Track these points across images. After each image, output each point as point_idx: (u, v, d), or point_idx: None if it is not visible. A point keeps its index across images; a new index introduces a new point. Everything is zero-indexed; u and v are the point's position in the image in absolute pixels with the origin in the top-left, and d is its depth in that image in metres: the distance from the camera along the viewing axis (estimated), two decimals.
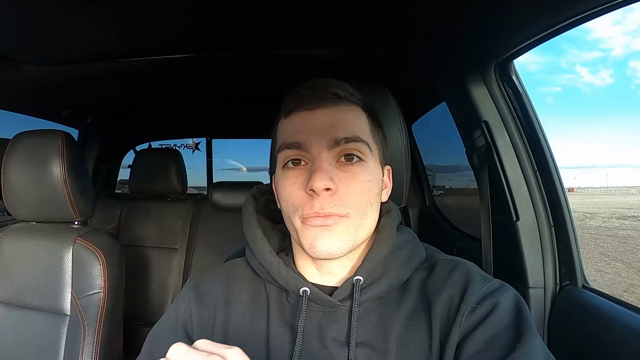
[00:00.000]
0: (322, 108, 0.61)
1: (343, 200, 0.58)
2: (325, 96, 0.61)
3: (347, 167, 0.59)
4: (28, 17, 1.00)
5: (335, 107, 0.61)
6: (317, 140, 0.59)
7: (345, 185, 0.58)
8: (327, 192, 0.57)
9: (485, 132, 1.12)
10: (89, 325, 1.16)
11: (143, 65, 1.36)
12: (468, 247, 1.54)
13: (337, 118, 0.60)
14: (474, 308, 0.56)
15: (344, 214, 0.58)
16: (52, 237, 1.24)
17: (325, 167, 0.57)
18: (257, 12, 1.01)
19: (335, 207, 0.57)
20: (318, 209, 0.57)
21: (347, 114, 0.62)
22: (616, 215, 18.10)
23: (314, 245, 0.58)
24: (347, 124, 0.61)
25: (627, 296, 6.40)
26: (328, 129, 0.59)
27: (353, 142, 0.59)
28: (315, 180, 0.56)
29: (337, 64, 1.31)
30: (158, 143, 2.98)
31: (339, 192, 0.58)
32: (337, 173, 0.58)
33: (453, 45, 1.05)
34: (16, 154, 1.21)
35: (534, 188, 1.08)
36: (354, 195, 0.58)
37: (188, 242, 2.23)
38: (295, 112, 0.62)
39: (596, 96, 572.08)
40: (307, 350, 0.59)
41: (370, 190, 0.60)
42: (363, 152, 0.60)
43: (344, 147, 0.59)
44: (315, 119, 0.61)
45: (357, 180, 0.59)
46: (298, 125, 0.62)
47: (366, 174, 0.60)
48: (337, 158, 0.60)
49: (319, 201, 0.57)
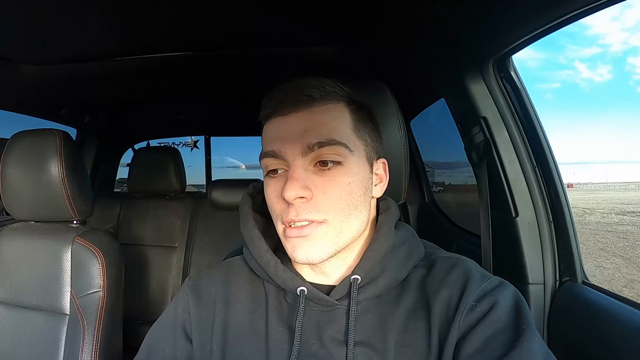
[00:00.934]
0: (296, 112, 0.60)
1: (319, 206, 0.57)
2: (299, 99, 0.59)
3: (324, 172, 0.58)
4: (25, 17, 0.99)
5: (309, 110, 0.60)
6: (290, 147, 0.58)
7: (322, 190, 0.58)
8: (301, 199, 0.57)
9: (484, 128, 1.11)
10: (89, 324, 1.16)
11: (141, 63, 1.35)
12: (467, 243, 1.54)
13: (310, 122, 0.59)
14: (473, 306, 0.55)
15: (322, 220, 0.58)
16: (50, 236, 1.24)
17: (297, 175, 0.57)
18: (255, 10, 1.01)
19: (310, 213, 0.57)
20: (294, 216, 0.57)
21: (323, 115, 0.60)
22: (615, 211, 18.12)
23: (294, 255, 0.59)
24: (322, 127, 0.59)
25: (626, 292, 6.41)
26: (301, 134, 0.58)
27: (327, 146, 0.58)
28: (286, 190, 0.56)
29: (336, 62, 1.31)
30: (156, 141, 2.98)
31: (315, 198, 0.57)
32: (313, 179, 0.58)
33: (451, 41, 1.05)
34: (14, 154, 1.21)
35: (533, 184, 1.08)
36: (332, 199, 0.58)
37: (187, 241, 2.23)
38: (271, 118, 0.62)
39: (595, 92, 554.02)
40: (305, 349, 0.59)
41: (352, 192, 0.59)
42: (340, 154, 0.59)
43: (318, 153, 0.58)
44: (288, 125, 0.60)
45: (334, 185, 0.58)
46: (273, 133, 0.61)
47: (345, 177, 0.59)
48: (314, 163, 0.59)
49: (295, 209, 0.57)
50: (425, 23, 1.00)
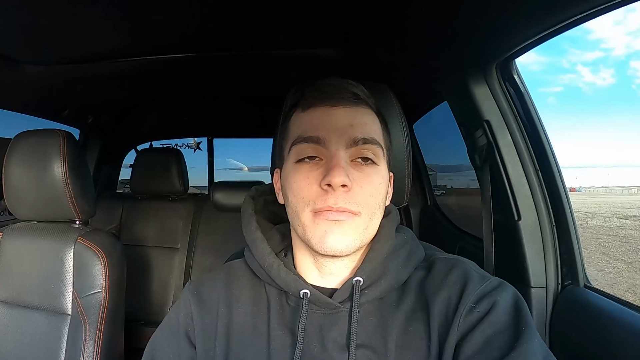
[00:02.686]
0: (343, 107, 0.61)
1: (356, 198, 0.58)
2: (347, 95, 0.62)
3: (362, 168, 0.60)
4: (30, 17, 1.00)
5: (355, 107, 0.62)
6: (336, 137, 0.59)
7: (359, 184, 0.58)
8: (343, 188, 0.57)
9: (486, 131, 1.11)
10: (90, 324, 1.16)
11: (144, 64, 1.36)
12: (469, 246, 1.54)
13: (356, 118, 0.61)
14: (472, 308, 0.55)
15: (356, 212, 0.58)
16: (53, 236, 1.24)
17: (343, 164, 0.58)
18: (259, 12, 1.01)
19: (348, 203, 0.57)
20: (332, 203, 0.56)
21: (365, 116, 0.62)
22: (618, 215, 18.07)
23: (323, 241, 0.58)
24: (365, 125, 0.61)
25: (628, 296, 6.39)
26: (347, 127, 0.60)
27: (370, 143, 0.60)
28: (334, 176, 0.56)
29: (339, 64, 1.31)
30: (159, 142, 2.99)
31: (354, 190, 0.58)
32: (352, 172, 0.58)
33: (454, 44, 1.05)
34: (17, 154, 1.21)
35: (536, 187, 1.07)
36: (367, 195, 0.59)
37: (189, 242, 2.23)
38: (315, 107, 0.62)
39: (598, 96, 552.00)
40: (307, 353, 0.59)
41: (380, 192, 0.61)
42: (377, 154, 0.61)
43: (361, 148, 0.60)
44: (335, 117, 0.61)
45: (370, 181, 0.59)
46: (317, 121, 0.61)
47: (378, 177, 0.60)
48: (353, 158, 0.60)
49: (334, 196, 0.56)
50: (429, 26, 1.00)
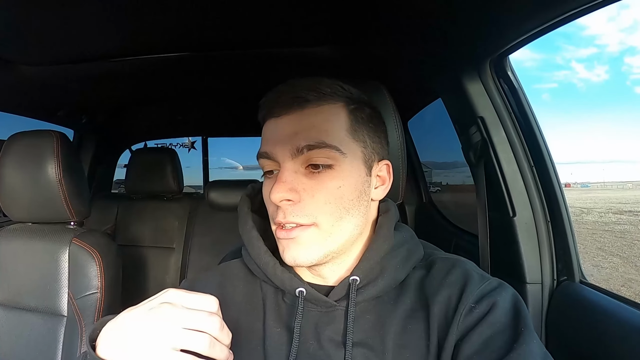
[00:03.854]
0: (287, 114, 0.59)
1: (306, 209, 0.57)
2: (292, 101, 0.59)
3: (314, 175, 0.58)
4: (22, 17, 0.99)
5: (301, 112, 0.59)
6: (280, 149, 0.59)
7: (310, 194, 0.58)
8: (288, 202, 0.57)
9: (481, 128, 1.12)
10: (86, 325, 1.16)
11: (138, 64, 1.35)
12: (465, 243, 1.54)
13: (301, 124, 0.58)
14: (472, 308, 0.55)
15: (309, 224, 0.58)
16: (48, 238, 1.24)
17: (285, 177, 0.57)
18: (253, 11, 1.00)
19: (297, 216, 0.57)
20: (281, 219, 0.58)
21: (314, 117, 0.59)
22: (613, 210, 18.17)
23: (284, 256, 0.60)
24: (312, 129, 0.58)
25: (624, 291, 6.43)
26: (291, 137, 0.58)
27: (317, 149, 0.57)
28: (272, 193, 0.57)
29: (333, 62, 1.31)
30: (154, 142, 2.97)
31: (303, 201, 0.57)
32: (302, 182, 0.58)
33: (448, 41, 1.05)
34: (11, 155, 1.21)
35: (531, 184, 1.08)
36: (321, 203, 0.58)
37: (185, 242, 2.23)
38: (267, 119, 0.63)
39: (592, 92, 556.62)
40: (303, 350, 0.59)
41: (342, 196, 0.58)
42: (331, 157, 0.58)
43: (307, 156, 0.58)
44: (280, 128, 0.60)
45: (322, 189, 0.58)
46: (267, 134, 0.62)
47: (334, 181, 0.58)
48: (305, 165, 0.59)
49: (282, 211, 0.58)
50: (422, 23, 1.00)
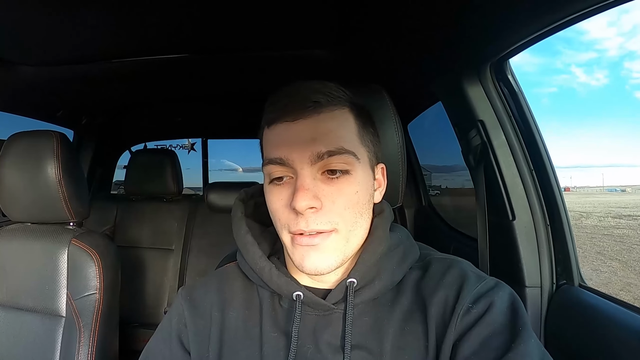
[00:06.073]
0: (303, 119, 0.57)
1: (329, 215, 0.56)
2: (306, 105, 0.57)
3: (332, 182, 0.57)
4: (22, 18, 0.99)
5: (317, 117, 0.58)
6: (298, 155, 0.56)
7: (330, 200, 0.57)
8: (311, 210, 0.56)
9: (481, 131, 1.12)
10: (85, 326, 1.16)
11: (138, 65, 1.35)
12: (464, 246, 1.54)
13: (318, 129, 0.57)
14: (469, 308, 0.55)
15: (332, 230, 0.57)
16: (47, 238, 1.24)
17: (307, 184, 0.56)
18: (253, 12, 1.01)
19: (321, 223, 0.56)
20: (304, 227, 0.56)
21: (330, 122, 0.58)
22: (612, 215, 18.16)
23: (302, 264, 0.58)
24: (330, 134, 0.57)
25: (623, 295, 6.42)
26: (310, 143, 0.56)
27: (337, 155, 0.56)
28: (298, 201, 0.54)
29: (333, 65, 1.31)
30: (154, 144, 2.97)
31: (325, 207, 0.56)
32: (322, 188, 0.57)
33: (448, 45, 1.05)
34: (11, 155, 1.20)
35: (530, 187, 1.08)
36: (341, 209, 0.57)
37: (184, 243, 2.23)
38: (276, 123, 0.59)
39: (592, 96, 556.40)
40: (301, 355, 0.59)
41: (358, 201, 0.59)
42: (348, 163, 0.57)
43: (327, 162, 0.56)
44: (295, 132, 0.57)
45: (342, 194, 0.57)
46: (279, 139, 0.59)
47: (353, 186, 0.58)
48: (322, 171, 0.57)
49: (304, 219, 0.56)
50: (423, 27, 1.00)
